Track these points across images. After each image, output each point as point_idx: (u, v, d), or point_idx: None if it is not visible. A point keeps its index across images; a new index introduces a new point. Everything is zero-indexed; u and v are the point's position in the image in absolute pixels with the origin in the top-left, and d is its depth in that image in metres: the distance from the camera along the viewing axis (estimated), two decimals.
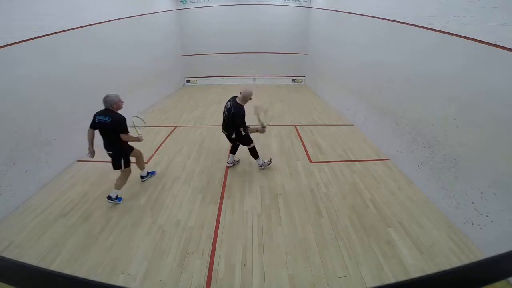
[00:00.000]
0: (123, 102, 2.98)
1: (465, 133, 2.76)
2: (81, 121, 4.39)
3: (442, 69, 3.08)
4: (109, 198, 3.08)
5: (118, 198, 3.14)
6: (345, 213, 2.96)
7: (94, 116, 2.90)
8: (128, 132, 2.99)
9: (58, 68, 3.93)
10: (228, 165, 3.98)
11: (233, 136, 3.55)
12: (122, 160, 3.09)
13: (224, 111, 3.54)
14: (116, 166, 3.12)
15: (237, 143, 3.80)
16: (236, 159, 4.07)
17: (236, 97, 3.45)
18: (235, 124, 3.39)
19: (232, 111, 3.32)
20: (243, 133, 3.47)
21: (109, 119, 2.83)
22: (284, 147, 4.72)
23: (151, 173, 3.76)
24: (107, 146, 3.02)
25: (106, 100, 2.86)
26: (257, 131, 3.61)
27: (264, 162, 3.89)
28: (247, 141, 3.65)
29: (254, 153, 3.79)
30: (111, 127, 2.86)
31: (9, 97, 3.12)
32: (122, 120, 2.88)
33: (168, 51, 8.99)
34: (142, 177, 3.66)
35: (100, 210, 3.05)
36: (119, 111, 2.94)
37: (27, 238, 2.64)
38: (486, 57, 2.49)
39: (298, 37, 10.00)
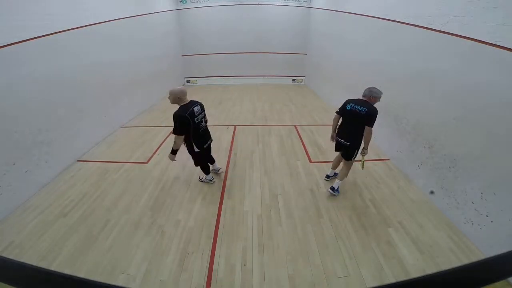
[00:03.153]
0: (377, 97, 2.89)
1: (465, 133, 2.76)
2: (81, 121, 4.42)
3: (442, 69, 3.08)
4: (332, 189, 3.21)
5: (338, 190, 3.23)
6: (345, 213, 2.96)
7: (346, 103, 2.97)
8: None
9: (58, 68, 3.93)
10: (217, 171, 3.78)
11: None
12: (355, 152, 3.07)
13: None
14: (347, 156, 3.11)
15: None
16: (217, 168, 3.77)
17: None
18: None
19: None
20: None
21: (365, 110, 2.81)
22: (284, 147, 4.72)
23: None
24: (347, 136, 3.02)
25: (370, 90, 2.87)
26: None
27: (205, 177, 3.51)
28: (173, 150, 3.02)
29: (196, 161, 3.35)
30: (364, 119, 2.84)
31: (9, 97, 3.11)
32: (376, 113, 2.82)
33: (168, 51, 8.98)
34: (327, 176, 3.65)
35: (100, 210, 3.05)
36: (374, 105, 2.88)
37: (27, 238, 2.64)
38: (486, 57, 2.49)
39: (298, 37, 10.00)
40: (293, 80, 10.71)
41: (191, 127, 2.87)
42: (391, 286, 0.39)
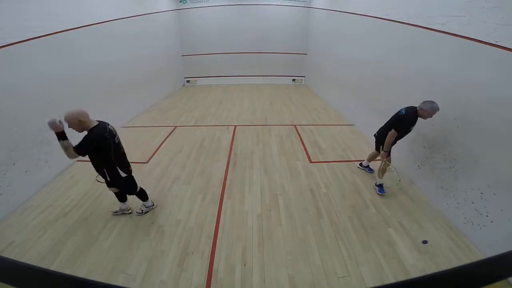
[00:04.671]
0: (425, 110, 2.74)
1: (465, 133, 2.76)
2: None
3: (442, 69, 3.08)
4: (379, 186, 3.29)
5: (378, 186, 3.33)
6: (345, 213, 2.96)
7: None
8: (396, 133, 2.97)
9: (58, 68, 3.93)
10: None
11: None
12: (380, 147, 3.22)
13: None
14: (377, 148, 3.34)
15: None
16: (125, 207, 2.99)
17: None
18: None
19: None
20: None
21: (403, 112, 2.94)
22: (284, 147, 4.72)
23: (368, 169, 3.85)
24: (380, 128, 3.26)
25: (423, 101, 2.77)
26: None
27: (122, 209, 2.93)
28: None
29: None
30: (395, 119, 3.03)
31: (9, 96, 3.12)
32: (407, 121, 2.87)
33: (168, 51, 8.99)
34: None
35: (100, 210, 3.05)
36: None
37: (27, 238, 2.64)
38: (486, 57, 2.49)
39: (298, 36, 10.00)
40: (293, 80, 10.71)
41: (111, 150, 2.29)
42: (391, 286, 0.39)
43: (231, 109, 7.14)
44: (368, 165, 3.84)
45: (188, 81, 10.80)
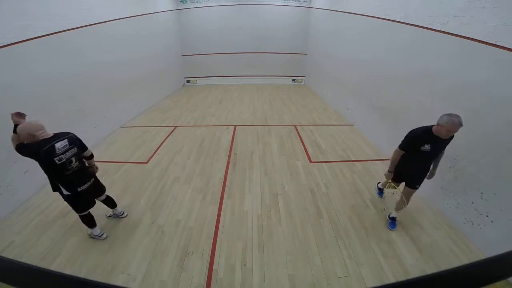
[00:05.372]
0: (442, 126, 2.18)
1: (465, 133, 2.74)
2: (81, 120, 4.41)
3: (442, 69, 3.08)
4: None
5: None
6: (345, 213, 2.96)
7: None
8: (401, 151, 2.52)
9: (58, 68, 3.93)
10: (121, 214, 2.91)
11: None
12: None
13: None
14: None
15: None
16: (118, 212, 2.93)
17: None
18: None
19: None
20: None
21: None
22: (284, 147, 4.72)
23: None
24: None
25: (441, 116, 2.15)
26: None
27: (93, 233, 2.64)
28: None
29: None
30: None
31: (9, 96, 3.11)
32: (410, 134, 2.43)
33: (168, 51, 8.99)
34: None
35: (100, 210, 3.04)
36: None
37: (27, 238, 2.64)
38: (486, 57, 2.49)
39: (298, 37, 9.99)
40: (293, 80, 10.71)
41: (47, 168, 2.14)
42: (391, 286, 0.39)
43: (231, 109, 7.14)
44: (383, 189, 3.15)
45: (188, 81, 10.80)
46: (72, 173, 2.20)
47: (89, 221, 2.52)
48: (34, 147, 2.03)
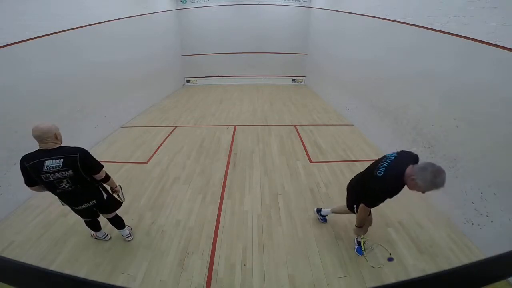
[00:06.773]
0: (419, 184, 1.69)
1: (465, 133, 2.75)
2: (81, 120, 4.42)
3: (442, 69, 3.08)
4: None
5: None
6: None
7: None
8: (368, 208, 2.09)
9: (58, 68, 3.93)
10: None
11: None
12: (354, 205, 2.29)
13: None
14: (348, 206, 2.36)
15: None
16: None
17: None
18: None
19: None
20: None
21: (382, 172, 1.84)
22: (284, 147, 4.72)
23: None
24: (353, 188, 2.31)
25: (416, 167, 1.68)
26: None
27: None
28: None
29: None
30: (367, 184, 1.91)
31: (9, 96, 3.11)
32: (384, 187, 1.91)
33: (168, 51, 8.99)
34: None
35: None
36: None
37: (27, 238, 2.64)
38: (486, 57, 2.49)
39: (298, 37, 9.99)
40: (293, 80, 10.71)
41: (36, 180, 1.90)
42: (391, 286, 0.39)
43: (231, 109, 7.14)
44: (326, 216, 2.77)
45: (188, 81, 10.80)
46: (62, 193, 1.97)
47: (93, 226, 2.46)
48: (23, 158, 1.88)
